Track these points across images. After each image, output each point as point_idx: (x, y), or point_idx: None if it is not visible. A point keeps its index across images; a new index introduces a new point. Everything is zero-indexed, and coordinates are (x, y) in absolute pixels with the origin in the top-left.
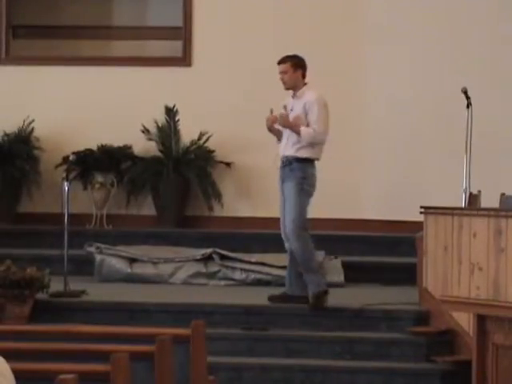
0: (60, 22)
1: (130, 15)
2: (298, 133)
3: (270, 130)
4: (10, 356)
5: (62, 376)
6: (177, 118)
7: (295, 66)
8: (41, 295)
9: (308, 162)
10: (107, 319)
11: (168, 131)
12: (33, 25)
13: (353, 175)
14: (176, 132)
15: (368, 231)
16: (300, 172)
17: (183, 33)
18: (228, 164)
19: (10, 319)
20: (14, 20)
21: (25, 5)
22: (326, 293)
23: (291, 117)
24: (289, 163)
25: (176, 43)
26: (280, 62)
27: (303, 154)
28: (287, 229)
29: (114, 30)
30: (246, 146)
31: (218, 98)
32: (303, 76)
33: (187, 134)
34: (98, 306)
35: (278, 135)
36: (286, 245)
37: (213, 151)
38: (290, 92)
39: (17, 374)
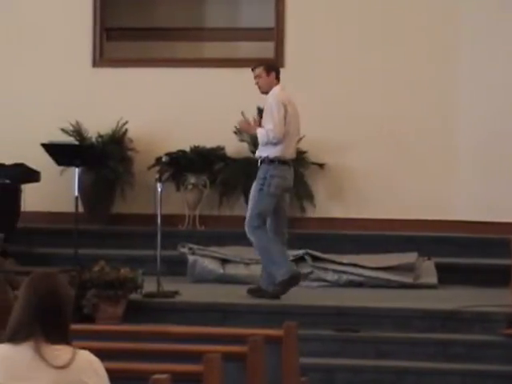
0: (153, 24)
1: (222, 16)
2: (254, 134)
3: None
4: (104, 356)
5: (156, 376)
6: None
7: (268, 69)
8: (134, 296)
9: (272, 162)
10: (200, 320)
11: None
12: (126, 27)
13: (445, 176)
14: None
15: (461, 232)
16: (261, 172)
17: (275, 34)
18: (321, 165)
19: (104, 319)
20: (108, 22)
21: (118, 7)
22: (292, 280)
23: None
24: (259, 163)
25: (268, 44)
26: (253, 68)
27: (265, 153)
28: (245, 224)
29: (207, 32)
30: (339, 147)
31: (310, 99)
32: (277, 78)
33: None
34: (190, 306)
35: None
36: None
37: (305, 152)
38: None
39: (111, 373)
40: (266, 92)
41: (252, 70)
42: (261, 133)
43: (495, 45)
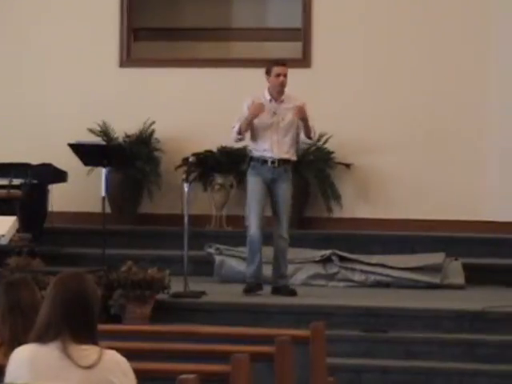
0: (180, 24)
1: (250, 16)
2: (310, 130)
3: (251, 119)
4: (131, 356)
5: (183, 376)
6: None
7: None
8: (161, 296)
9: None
10: (227, 320)
11: None
12: (153, 27)
13: (474, 176)
14: None
15: (489, 233)
16: (290, 174)
17: (302, 34)
18: (347, 165)
19: (131, 319)
20: (135, 23)
21: (145, 7)
22: (249, 287)
23: (286, 121)
24: (280, 164)
25: (295, 44)
26: (284, 64)
27: (295, 156)
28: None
29: (234, 32)
30: (366, 147)
31: (337, 99)
32: None
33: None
34: (217, 306)
35: (248, 128)
36: None
37: (332, 152)
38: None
39: (138, 373)
40: (283, 92)
41: (281, 64)
42: (313, 128)
43: None
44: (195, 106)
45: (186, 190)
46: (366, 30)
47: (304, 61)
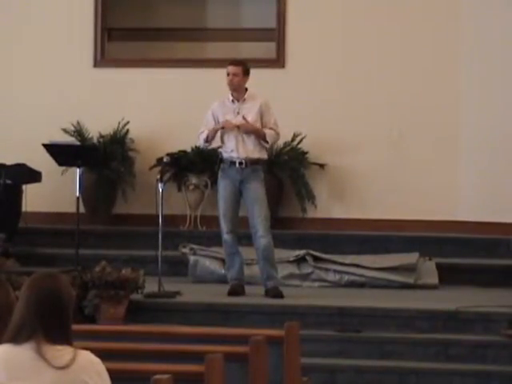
0: (154, 25)
1: (224, 17)
2: (263, 136)
3: (214, 132)
4: (105, 356)
5: (157, 376)
6: None
7: (246, 71)
8: (135, 296)
9: (263, 164)
10: (201, 320)
11: None
12: (127, 27)
13: (447, 176)
14: None
15: (463, 233)
16: (261, 174)
17: (277, 34)
18: (321, 165)
19: (105, 320)
20: (109, 23)
21: (120, 7)
22: (233, 290)
23: (249, 119)
24: (248, 165)
25: (269, 44)
26: (234, 64)
27: (263, 155)
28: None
29: (208, 32)
30: (340, 147)
31: (311, 99)
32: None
33: (281, 135)
34: (192, 306)
35: (214, 136)
36: None
37: (306, 152)
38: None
39: (112, 373)
40: (235, 91)
41: (231, 64)
42: (270, 134)
43: (498, 45)
44: (169, 106)
45: (160, 190)
46: (340, 30)
47: (278, 61)
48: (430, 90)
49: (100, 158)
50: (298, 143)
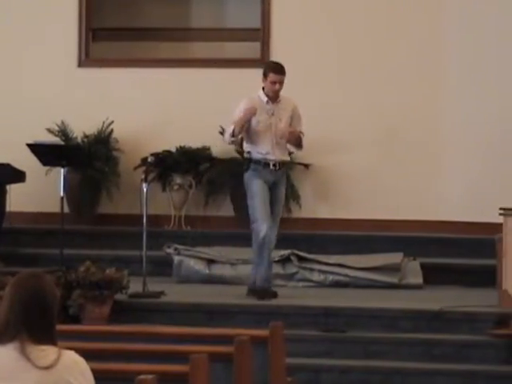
0: (139, 25)
1: (209, 17)
2: (301, 145)
3: (243, 122)
4: (89, 356)
5: (142, 376)
6: None
7: None
8: (120, 296)
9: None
10: (186, 320)
11: None
12: (112, 27)
13: (432, 176)
14: None
15: (446, 233)
16: (285, 177)
17: (261, 34)
18: (306, 165)
19: (90, 320)
20: (94, 23)
21: (104, 7)
22: (263, 293)
23: (283, 122)
24: (281, 167)
25: (254, 44)
26: (281, 73)
27: (288, 156)
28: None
29: (193, 32)
30: (324, 148)
31: (295, 100)
32: None
33: None
34: (176, 306)
35: (241, 131)
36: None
37: (291, 153)
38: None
39: (96, 374)
40: (277, 96)
41: (279, 73)
42: (302, 140)
43: (484, 45)
44: (154, 106)
45: (144, 190)
46: (324, 30)
47: (262, 61)
48: (416, 91)
49: (84, 158)
50: None
